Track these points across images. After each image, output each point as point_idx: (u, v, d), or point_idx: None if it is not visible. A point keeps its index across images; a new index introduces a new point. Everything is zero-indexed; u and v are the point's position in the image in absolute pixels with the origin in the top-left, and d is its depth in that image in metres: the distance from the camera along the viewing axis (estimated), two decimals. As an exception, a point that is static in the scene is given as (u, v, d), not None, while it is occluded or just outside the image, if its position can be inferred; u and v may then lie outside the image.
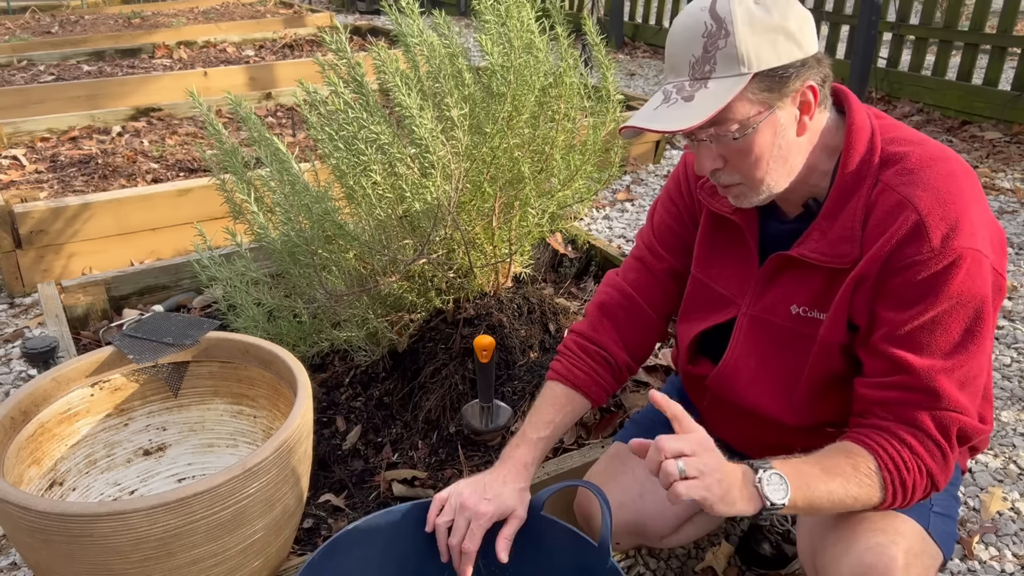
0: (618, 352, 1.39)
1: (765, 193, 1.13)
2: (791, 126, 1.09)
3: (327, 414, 1.92)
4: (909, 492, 1.08)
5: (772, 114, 1.06)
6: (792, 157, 1.11)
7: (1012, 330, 2.55)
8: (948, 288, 1.04)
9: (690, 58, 1.06)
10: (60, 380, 1.40)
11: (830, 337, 1.15)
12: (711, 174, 1.14)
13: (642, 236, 1.46)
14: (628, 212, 3.60)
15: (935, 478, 1.08)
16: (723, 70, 1.04)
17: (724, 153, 1.10)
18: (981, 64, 4.70)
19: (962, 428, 1.07)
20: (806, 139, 1.12)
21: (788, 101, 1.07)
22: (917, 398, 1.07)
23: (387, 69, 1.65)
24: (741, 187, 1.14)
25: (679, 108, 1.05)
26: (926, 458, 1.07)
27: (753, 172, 1.10)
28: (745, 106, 1.05)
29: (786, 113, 1.08)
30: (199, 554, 1.15)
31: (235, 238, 1.80)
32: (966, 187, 1.07)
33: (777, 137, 1.08)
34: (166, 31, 6.88)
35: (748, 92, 1.04)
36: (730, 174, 1.12)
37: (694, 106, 1.04)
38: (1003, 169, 3.93)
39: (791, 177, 1.13)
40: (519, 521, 1.22)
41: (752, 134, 1.06)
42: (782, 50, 1.04)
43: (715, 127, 1.07)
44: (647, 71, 6.38)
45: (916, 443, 1.07)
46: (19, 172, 3.62)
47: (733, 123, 1.06)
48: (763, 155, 1.08)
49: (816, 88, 1.08)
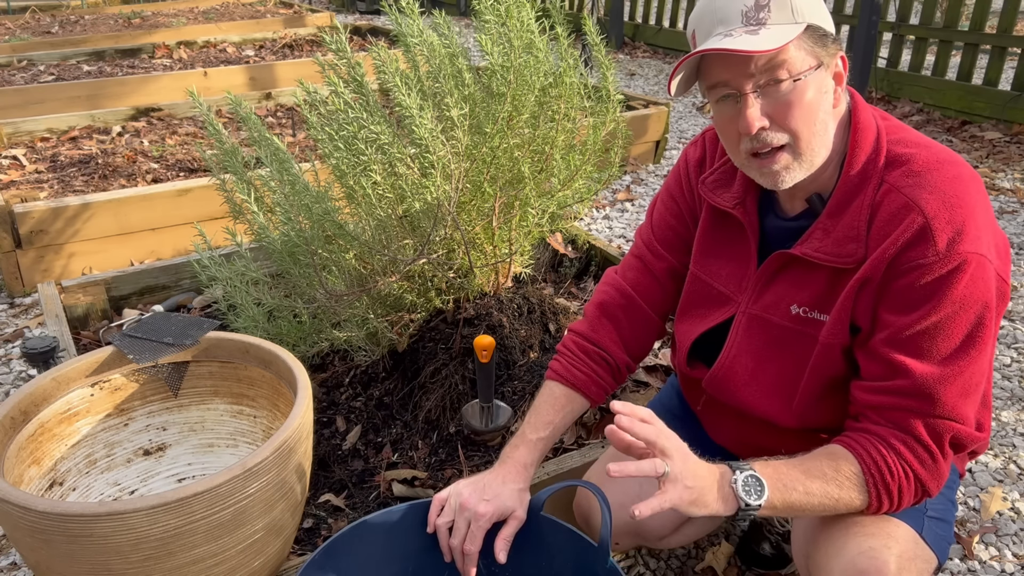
0: (617, 352, 1.39)
1: (809, 163, 1.11)
2: (830, 93, 1.11)
3: (327, 414, 1.92)
4: (895, 497, 1.08)
5: (820, 70, 1.08)
6: (829, 128, 1.12)
7: (1012, 330, 2.55)
8: (952, 293, 1.03)
9: (742, 7, 1.07)
10: (60, 380, 1.40)
11: (832, 339, 1.14)
12: (755, 138, 1.10)
13: (641, 234, 1.45)
14: (628, 212, 3.60)
15: (925, 484, 1.08)
16: (778, 17, 1.06)
17: (771, 110, 1.08)
18: (981, 64, 4.70)
19: (956, 436, 1.07)
20: (837, 114, 1.13)
21: (830, 64, 1.09)
22: (912, 404, 1.06)
23: (387, 69, 1.65)
24: (787, 152, 1.10)
25: (746, 39, 1.04)
26: (914, 464, 1.06)
27: (802, 128, 1.08)
28: (801, 53, 1.06)
29: (827, 77, 1.09)
30: (199, 554, 1.15)
31: (235, 238, 1.80)
32: (972, 191, 1.07)
33: (822, 97, 1.09)
34: (166, 31, 6.88)
35: (803, 41, 1.06)
36: (778, 131, 1.09)
37: (761, 39, 1.04)
38: (1003, 169, 3.93)
39: (827, 151, 1.12)
40: (518, 522, 1.22)
41: (803, 84, 1.06)
42: (821, 15, 1.09)
43: (768, 73, 1.06)
44: (647, 71, 6.38)
45: (904, 449, 1.06)
46: (19, 172, 3.62)
47: (786, 69, 1.05)
48: (811, 111, 1.08)
49: (846, 60, 1.11)
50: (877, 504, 1.08)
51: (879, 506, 1.09)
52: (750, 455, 1.39)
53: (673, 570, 1.66)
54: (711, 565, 1.64)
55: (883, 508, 1.09)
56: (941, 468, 1.08)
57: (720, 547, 1.66)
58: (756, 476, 1.05)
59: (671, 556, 1.69)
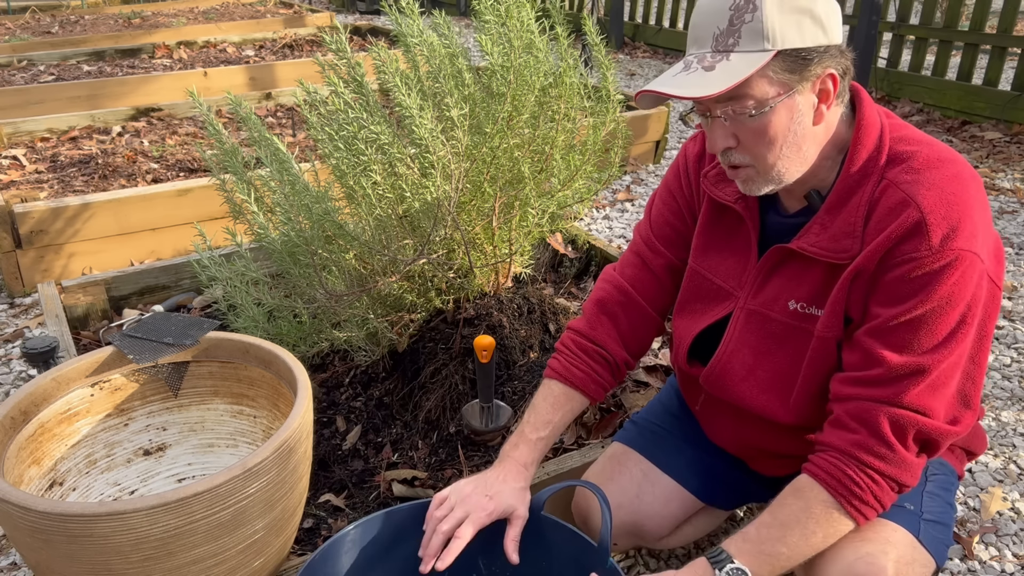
0: (616, 350, 1.39)
1: (775, 181, 1.11)
2: (808, 113, 1.08)
3: (327, 414, 1.92)
4: (875, 504, 1.08)
5: (791, 97, 1.05)
6: (806, 146, 1.10)
7: (1012, 330, 2.55)
8: (940, 288, 1.03)
9: (715, 30, 1.05)
10: (60, 380, 1.40)
11: (827, 332, 1.14)
12: (722, 154, 1.12)
13: (639, 230, 1.44)
14: (628, 212, 3.60)
15: (896, 479, 1.07)
16: (747, 44, 1.03)
17: (738, 132, 1.08)
18: (981, 64, 4.70)
19: (921, 431, 1.06)
20: (822, 129, 1.11)
21: (808, 86, 1.06)
22: (879, 394, 1.06)
23: (387, 69, 1.66)
24: (751, 170, 1.11)
25: (699, 76, 1.04)
26: (877, 464, 1.06)
27: (766, 154, 1.08)
28: (764, 84, 1.04)
29: (804, 99, 1.07)
30: (199, 554, 1.15)
31: (235, 238, 1.80)
32: (971, 191, 1.07)
33: (793, 122, 1.07)
34: (166, 31, 6.88)
35: (769, 70, 1.03)
36: (742, 154, 1.10)
37: (714, 76, 1.03)
38: (1003, 169, 3.93)
39: (804, 167, 1.12)
40: (522, 521, 1.22)
41: (768, 113, 1.05)
42: (807, 32, 1.04)
43: (732, 102, 1.05)
44: (647, 71, 6.38)
45: (863, 454, 1.06)
46: (19, 172, 3.62)
47: (750, 99, 1.04)
48: (777, 138, 1.07)
49: (836, 77, 1.07)
50: (862, 518, 1.08)
51: (865, 518, 1.09)
52: (748, 454, 1.39)
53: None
54: (711, 565, 1.64)
55: (870, 517, 1.09)
56: (905, 458, 1.07)
57: (720, 547, 1.66)
58: (739, 568, 1.06)
59: (671, 556, 1.69)
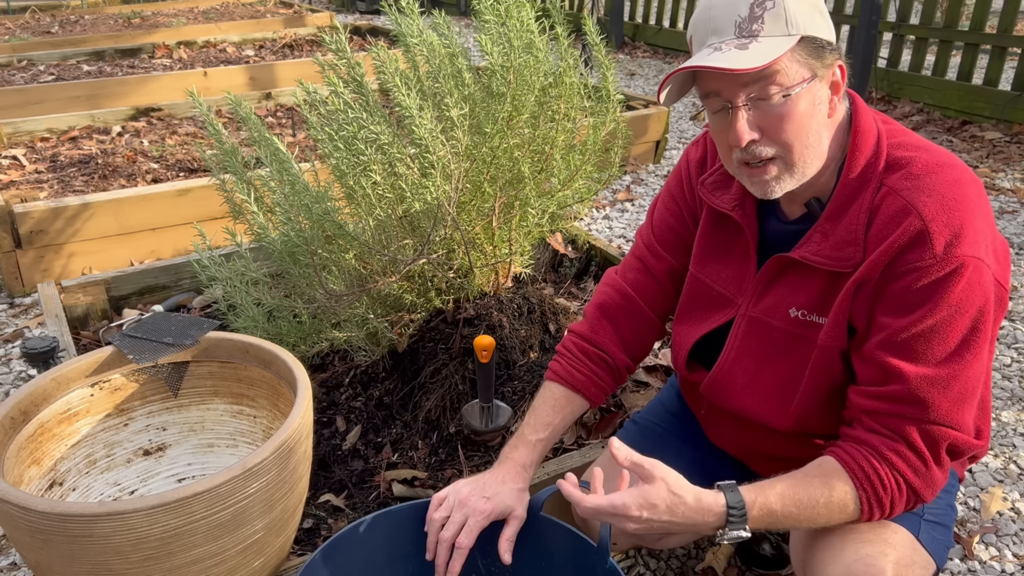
0: (617, 353, 1.39)
1: (800, 174, 1.11)
2: (825, 103, 1.09)
3: (327, 414, 1.92)
4: (887, 508, 1.08)
5: (814, 82, 1.07)
6: (823, 139, 1.11)
7: (1012, 330, 2.55)
8: (948, 296, 1.03)
9: (736, 18, 1.06)
10: (60, 380, 1.40)
11: (830, 342, 1.13)
12: (746, 149, 1.10)
13: (641, 234, 1.44)
14: (628, 212, 3.60)
15: (918, 492, 1.07)
16: (771, 29, 1.05)
17: (762, 123, 1.08)
18: (981, 64, 4.70)
19: (953, 443, 1.05)
20: (833, 123, 1.12)
21: (826, 74, 1.08)
22: (907, 410, 1.05)
23: (387, 69, 1.66)
24: (777, 164, 1.10)
25: (735, 55, 1.03)
26: (907, 473, 1.06)
27: (792, 142, 1.08)
28: (793, 66, 1.05)
29: (822, 88, 1.08)
30: (199, 554, 1.15)
31: (235, 238, 1.80)
32: (972, 195, 1.06)
33: (815, 109, 1.08)
34: (166, 31, 6.88)
35: (796, 53, 1.05)
36: (768, 144, 1.09)
37: (748, 54, 1.03)
38: (1003, 169, 3.93)
39: (820, 161, 1.12)
40: (519, 522, 1.22)
41: (794, 99, 1.05)
42: (819, 25, 1.07)
43: (759, 86, 1.05)
44: (647, 71, 6.38)
45: (896, 459, 1.06)
46: (19, 172, 3.62)
47: (777, 84, 1.05)
48: (803, 124, 1.07)
49: (844, 68, 1.09)
50: (868, 515, 1.08)
51: (870, 516, 1.09)
52: (749, 459, 1.39)
53: (673, 570, 1.66)
54: (711, 565, 1.64)
55: (875, 517, 1.09)
56: (935, 475, 1.06)
57: (720, 547, 1.66)
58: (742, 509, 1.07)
59: (671, 556, 1.69)
